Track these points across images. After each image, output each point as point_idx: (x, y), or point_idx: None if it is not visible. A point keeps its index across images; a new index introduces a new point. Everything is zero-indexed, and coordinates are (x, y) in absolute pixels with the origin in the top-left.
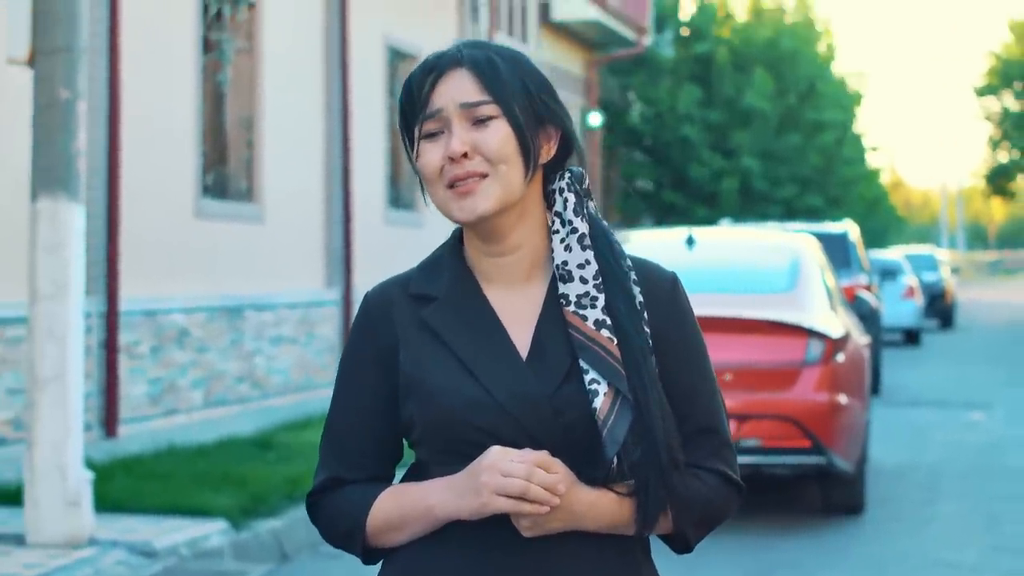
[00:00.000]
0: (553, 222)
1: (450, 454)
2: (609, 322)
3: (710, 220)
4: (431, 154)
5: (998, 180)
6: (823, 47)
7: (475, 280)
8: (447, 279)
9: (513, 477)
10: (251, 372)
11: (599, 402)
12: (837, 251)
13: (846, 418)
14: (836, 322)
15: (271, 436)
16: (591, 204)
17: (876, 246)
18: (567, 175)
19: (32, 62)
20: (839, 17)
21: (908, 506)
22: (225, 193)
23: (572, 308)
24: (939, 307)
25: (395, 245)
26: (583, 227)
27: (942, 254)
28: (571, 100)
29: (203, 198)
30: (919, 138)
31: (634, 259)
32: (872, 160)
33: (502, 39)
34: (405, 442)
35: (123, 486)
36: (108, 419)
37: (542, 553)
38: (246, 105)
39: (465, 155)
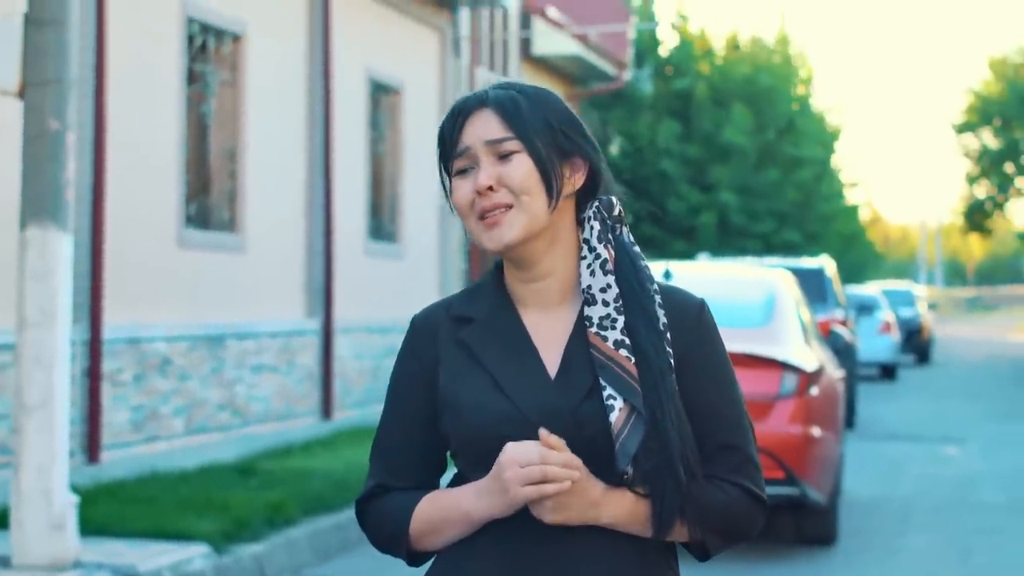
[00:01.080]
0: (582, 248)
1: (482, 466)
2: (628, 342)
3: (688, 254)
4: (462, 189)
5: (975, 216)
6: (801, 83)
7: (512, 304)
8: (487, 303)
9: (530, 464)
10: (232, 400)
11: (614, 416)
12: (813, 286)
13: (819, 450)
14: (810, 356)
15: (253, 463)
16: (624, 230)
17: (854, 281)
18: (595, 204)
19: (22, 94)
20: (818, 52)
21: (880, 538)
22: (208, 223)
23: (595, 329)
24: (916, 342)
25: (375, 276)
26: (605, 253)
27: (920, 290)
28: None
29: (186, 228)
30: (899, 174)
31: (664, 286)
32: (850, 196)
33: (483, 73)
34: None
35: (107, 510)
36: (91, 445)
37: (564, 546)
38: (229, 136)
39: (491, 188)
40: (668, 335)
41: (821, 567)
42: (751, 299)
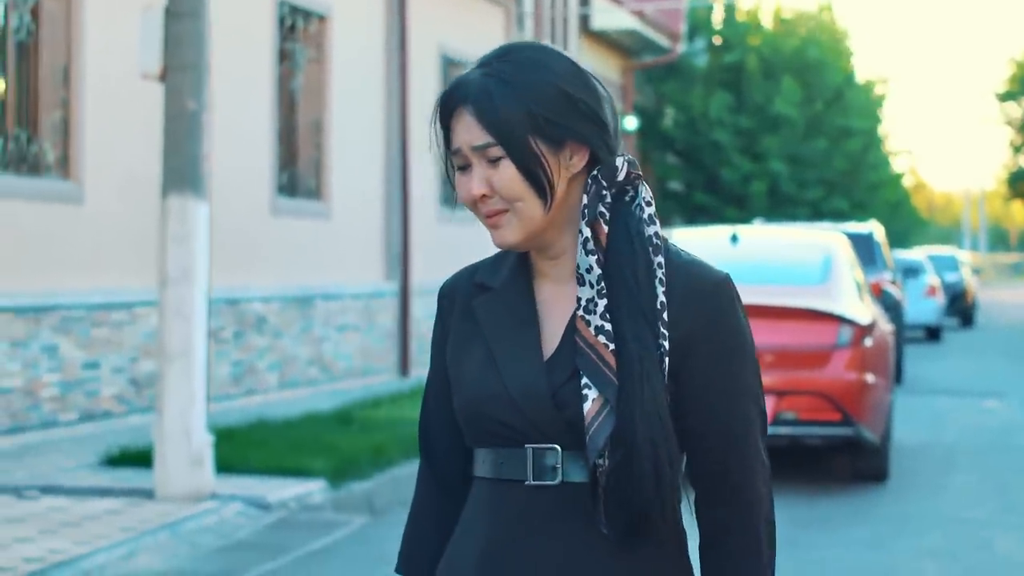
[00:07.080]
0: (582, 229)
1: (479, 439)
2: (607, 328)
3: (739, 221)
4: (462, 187)
5: (1018, 184)
6: (846, 55)
7: (530, 275)
8: (507, 272)
9: None
10: (319, 357)
11: (587, 407)
12: (863, 249)
13: (873, 395)
14: (864, 311)
15: (348, 412)
16: (643, 188)
17: (899, 247)
18: (593, 174)
19: (163, 77)
20: (862, 21)
21: (927, 476)
22: (296, 191)
23: (581, 312)
24: (960, 306)
25: (448, 241)
26: (587, 231)
27: (964, 255)
28: None
29: (278, 196)
30: (943, 142)
31: (685, 258)
32: (896, 164)
33: None
34: None
35: (229, 451)
36: None
37: (542, 529)
38: (315, 110)
39: (485, 195)
40: (665, 314)
41: (875, 499)
42: (810, 259)
